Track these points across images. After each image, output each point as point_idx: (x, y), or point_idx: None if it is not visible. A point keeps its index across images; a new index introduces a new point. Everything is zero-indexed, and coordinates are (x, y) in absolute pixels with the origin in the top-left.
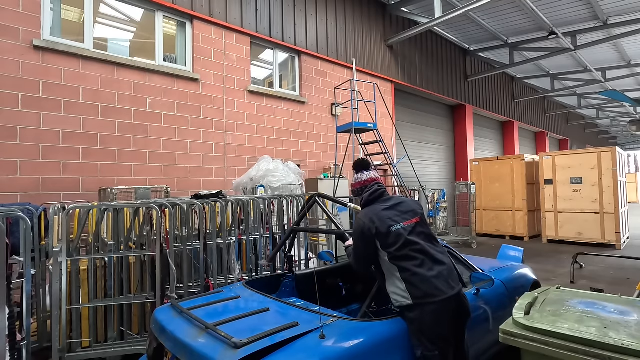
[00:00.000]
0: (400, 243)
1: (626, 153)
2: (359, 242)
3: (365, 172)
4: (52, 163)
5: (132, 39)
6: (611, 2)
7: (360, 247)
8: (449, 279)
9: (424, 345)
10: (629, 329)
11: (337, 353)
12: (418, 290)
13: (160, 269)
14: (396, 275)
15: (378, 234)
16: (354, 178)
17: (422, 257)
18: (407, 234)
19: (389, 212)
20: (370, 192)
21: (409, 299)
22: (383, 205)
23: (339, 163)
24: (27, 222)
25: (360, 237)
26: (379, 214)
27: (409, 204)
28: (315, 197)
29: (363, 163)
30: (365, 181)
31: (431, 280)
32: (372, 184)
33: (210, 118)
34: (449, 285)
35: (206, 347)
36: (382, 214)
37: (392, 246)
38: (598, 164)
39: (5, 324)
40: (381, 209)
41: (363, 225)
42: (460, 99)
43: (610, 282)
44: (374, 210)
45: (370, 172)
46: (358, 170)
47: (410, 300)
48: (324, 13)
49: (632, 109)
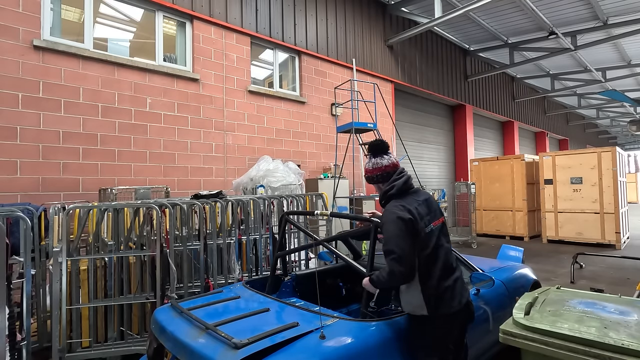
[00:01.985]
0: (431, 247)
1: (626, 153)
2: (403, 236)
3: (386, 156)
4: (52, 163)
5: (132, 39)
6: (611, 2)
7: (404, 245)
8: (462, 287)
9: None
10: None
11: (337, 353)
12: (436, 303)
13: (160, 269)
14: (415, 284)
15: (419, 231)
16: (370, 162)
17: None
18: (436, 237)
19: (423, 208)
20: (404, 181)
21: (424, 310)
22: (416, 198)
23: (339, 163)
24: (27, 222)
25: (405, 231)
26: (416, 207)
27: (434, 201)
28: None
29: (383, 145)
30: (387, 167)
31: (449, 292)
32: (399, 170)
33: (210, 118)
34: (462, 295)
35: (206, 347)
36: (418, 208)
37: (425, 248)
38: (598, 164)
39: (5, 324)
40: (416, 202)
41: (403, 217)
42: (460, 99)
43: (610, 282)
44: (410, 203)
45: (391, 157)
46: (376, 153)
47: (426, 312)
48: (324, 13)
49: (632, 109)
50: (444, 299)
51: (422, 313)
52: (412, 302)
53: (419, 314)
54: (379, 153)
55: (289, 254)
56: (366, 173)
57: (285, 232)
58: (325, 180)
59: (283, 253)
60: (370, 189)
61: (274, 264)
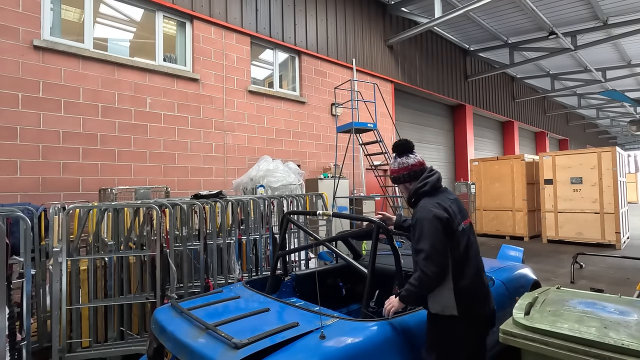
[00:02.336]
0: (463, 246)
1: (626, 153)
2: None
3: (411, 155)
4: (52, 163)
5: (132, 39)
6: (611, 2)
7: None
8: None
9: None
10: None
11: (337, 353)
12: (468, 303)
13: (160, 269)
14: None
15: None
16: (396, 162)
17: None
18: (467, 237)
19: (455, 206)
20: (437, 178)
21: (454, 310)
22: (448, 197)
23: (339, 163)
24: (27, 222)
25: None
26: (449, 206)
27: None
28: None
29: (408, 144)
30: (414, 165)
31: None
32: (429, 168)
33: (210, 118)
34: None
35: (206, 347)
36: (451, 207)
37: (457, 247)
38: (598, 164)
39: (5, 324)
40: (449, 202)
41: (441, 216)
42: (460, 99)
43: (610, 282)
44: (444, 201)
45: (416, 156)
46: (401, 152)
47: (456, 312)
48: (324, 13)
49: (632, 109)
50: (477, 300)
51: (452, 313)
52: (441, 302)
53: (448, 313)
54: (404, 152)
55: (290, 253)
56: (392, 173)
57: (286, 231)
58: (325, 180)
59: (284, 253)
60: (370, 189)
61: (275, 263)
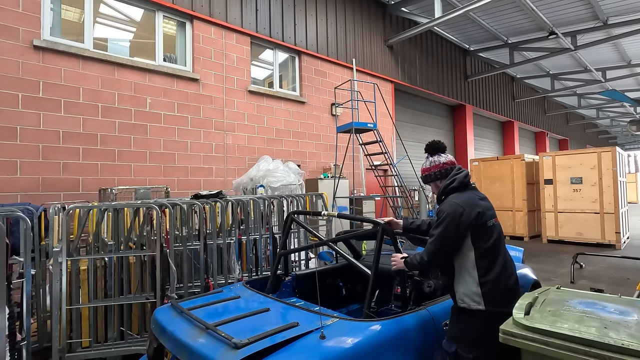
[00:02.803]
0: (493, 239)
1: (626, 153)
2: (451, 227)
3: (443, 154)
4: (52, 163)
5: (132, 39)
6: (611, 2)
7: (451, 234)
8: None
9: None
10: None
11: (337, 353)
12: (494, 298)
13: (160, 269)
14: (473, 276)
15: (476, 225)
16: (428, 161)
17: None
18: (498, 232)
19: (484, 202)
20: (465, 175)
21: (481, 304)
22: (477, 194)
23: (339, 163)
24: (27, 222)
25: (456, 222)
26: (478, 202)
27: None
28: (291, 216)
29: (440, 145)
30: (445, 164)
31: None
32: (458, 167)
33: (210, 118)
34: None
35: (206, 347)
36: (481, 204)
37: (486, 241)
38: (598, 164)
39: (5, 324)
40: (476, 197)
41: (462, 210)
42: (460, 99)
43: (610, 282)
44: (472, 198)
45: (448, 155)
46: (433, 152)
47: (482, 306)
48: (324, 13)
49: (632, 109)
50: (504, 296)
51: (479, 307)
52: (469, 295)
53: (474, 308)
54: (436, 152)
55: (292, 253)
56: (423, 172)
57: (290, 231)
58: (325, 180)
59: (286, 252)
60: (370, 189)
61: (277, 262)
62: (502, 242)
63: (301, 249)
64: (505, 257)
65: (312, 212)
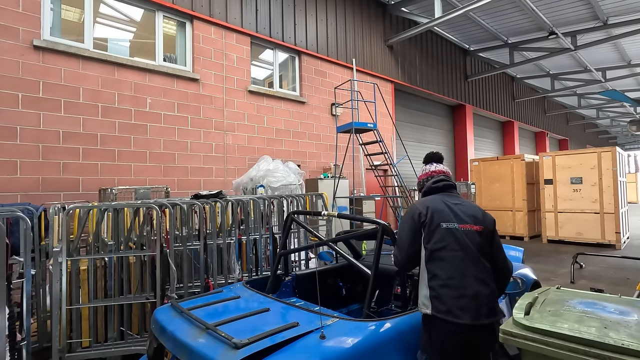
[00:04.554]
0: (443, 243)
1: (626, 153)
2: (405, 226)
3: (435, 163)
4: (52, 163)
5: (132, 39)
6: (611, 2)
7: (404, 235)
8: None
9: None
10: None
11: (337, 353)
12: (438, 304)
13: (160, 269)
14: (424, 280)
15: (427, 224)
16: (421, 169)
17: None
18: (455, 237)
19: (447, 206)
20: (434, 180)
21: (429, 308)
22: (444, 198)
23: (339, 163)
24: (27, 222)
25: (408, 222)
26: (437, 204)
27: (473, 208)
28: (291, 216)
29: (435, 156)
30: (433, 172)
31: (459, 299)
32: (439, 175)
33: (210, 118)
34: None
35: (206, 347)
36: (439, 205)
37: (434, 243)
38: (598, 164)
39: (5, 324)
40: (441, 200)
41: (414, 210)
42: (460, 99)
43: (610, 282)
44: (432, 200)
45: (440, 165)
46: (427, 162)
47: (429, 310)
48: (324, 13)
49: (632, 109)
50: (452, 304)
51: (426, 312)
52: (420, 298)
53: (424, 311)
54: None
55: (292, 253)
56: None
57: (290, 231)
58: (325, 180)
59: (286, 252)
60: (370, 189)
61: (277, 262)
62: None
63: (301, 249)
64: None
65: (312, 212)
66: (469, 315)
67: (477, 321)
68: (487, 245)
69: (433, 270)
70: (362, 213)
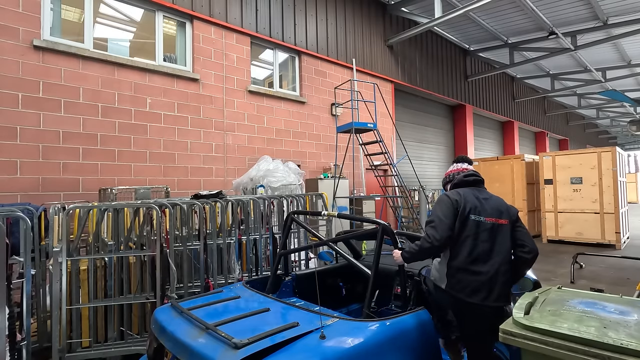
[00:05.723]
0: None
1: (626, 153)
2: (443, 208)
3: (466, 163)
4: (52, 163)
5: (132, 39)
6: (611, 2)
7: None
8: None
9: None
10: (628, 328)
11: (337, 353)
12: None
13: (160, 269)
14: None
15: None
16: (451, 167)
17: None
18: (481, 229)
19: (477, 200)
20: (465, 174)
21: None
22: (474, 192)
23: (339, 163)
24: (27, 222)
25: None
26: (469, 196)
27: (499, 202)
28: (291, 216)
29: (465, 158)
30: (464, 169)
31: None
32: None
33: (210, 118)
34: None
35: (206, 347)
36: (470, 197)
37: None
38: (598, 164)
39: (5, 324)
40: (471, 193)
41: (450, 196)
42: (460, 99)
43: (610, 282)
44: (465, 191)
45: (470, 166)
46: (459, 161)
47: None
48: (324, 13)
49: (632, 109)
50: (463, 283)
51: (441, 285)
52: (438, 272)
53: (439, 284)
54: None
55: (292, 253)
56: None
57: (290, 231)
58: (325, 180)
59: (286, 252)
60: (370, 189)
61: (277, 262)
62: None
63: (301, 249)
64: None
65: (312, 212)
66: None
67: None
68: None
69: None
70: (362, 213)
